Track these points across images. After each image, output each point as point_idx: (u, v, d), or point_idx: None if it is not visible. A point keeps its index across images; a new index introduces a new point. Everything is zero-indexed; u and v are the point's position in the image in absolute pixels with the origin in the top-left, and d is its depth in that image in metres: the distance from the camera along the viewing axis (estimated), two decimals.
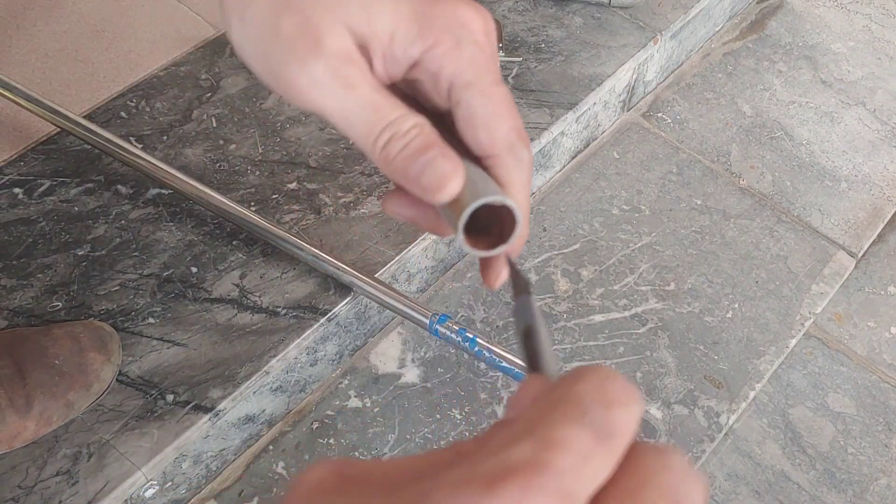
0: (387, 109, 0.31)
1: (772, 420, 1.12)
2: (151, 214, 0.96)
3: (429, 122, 0.32)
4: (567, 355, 1.09)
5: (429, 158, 0.31)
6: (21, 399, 0.75)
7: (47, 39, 1.12)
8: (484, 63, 0.32)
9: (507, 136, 0.32)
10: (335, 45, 0.30)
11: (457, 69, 0.32)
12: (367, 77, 0.31)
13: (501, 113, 0.32)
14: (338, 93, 0.31)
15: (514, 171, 0.33)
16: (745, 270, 1.20)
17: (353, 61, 0.31)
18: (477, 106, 0.32)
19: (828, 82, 1.47)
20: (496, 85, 0.32)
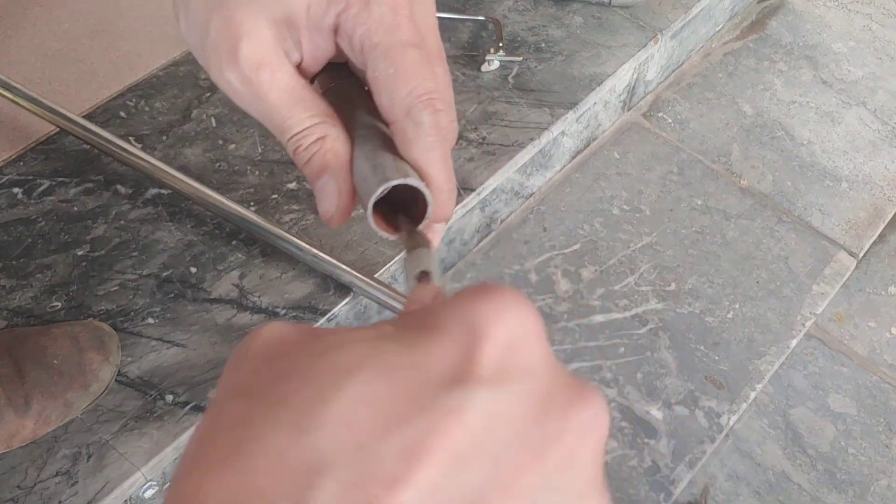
0: (293, 120, 0.32)
1: (772, 420, 1.12)
2: (151, 214, 0.96)
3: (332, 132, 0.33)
4: (567, 355, 1.09)
5: (320, 186, 0.33)
6: (20, 398, 0.75)
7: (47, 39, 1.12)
8: (394, 23, 0.31)
9: (405, 100, 0.31)
10: (249, 52, 0.31)
11: (366, 30, 0.31)
12: (278, 82, 0.32)
13: (403, 75, 0.31)
14: (250, 100, 0.32)
15: (413, 137, 0.32)
16: (745, 271, 1.20)
17: (266, 65, 0.32)
18: (380, 69, 0.31)
19: (828, 82, 1.46)
20: (405, 46, 0.31)
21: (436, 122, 0.32)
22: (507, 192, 1.14)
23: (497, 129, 1.10)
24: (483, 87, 1.14)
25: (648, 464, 1.01)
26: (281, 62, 0.32)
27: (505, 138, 1.09)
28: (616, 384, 1.07)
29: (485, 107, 1.12)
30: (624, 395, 1.06)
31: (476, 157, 1.07)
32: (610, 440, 1.03)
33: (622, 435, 1.03)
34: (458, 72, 1.16)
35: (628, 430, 1.04)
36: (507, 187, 1.13)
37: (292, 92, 0.33)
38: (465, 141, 1.08)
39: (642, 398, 1.06)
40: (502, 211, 1.18)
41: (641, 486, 1.00)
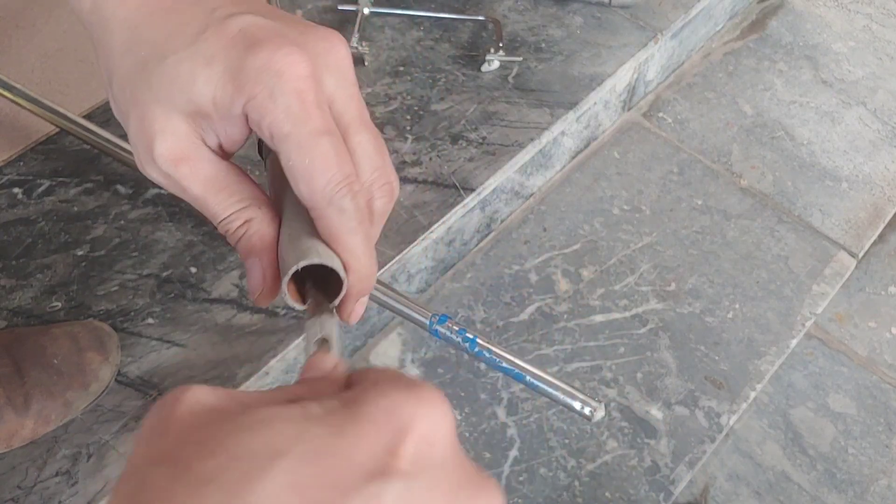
0: (218, 207, 0.34)
1: (772, 420, 1.12)
2: (151, 214, 0.96)
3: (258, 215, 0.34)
4: (567, 355, 1.09)
5: (248, 266, 0.34)
6: (19, 398, 0.75)
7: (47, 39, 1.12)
8: (302, 112, 0.31)
9: (324, 189, 0.32)
10: (164, 150, 0.32)
11: (273, 121, 0.31)
12: (198, 174, 0.33)
13: (320, 165, 0.31)
14: (176, 191, 0.34)
15: (337, 223, 0.32)
16: (745, 271, 1.20)
17: (184, 160, 0.33)
18: (294, 159, 0.31)
19: (828, 82, 1.46)
20: (315, 135, 0.31)
21: (357, 205, 0.33)
22: (507, 192, 1.14)
23: (497, 129, 1.10)
24: (483, 87, 1.14)
25: (648, 464, 1.01)
26: (199, 153, 0.33)
27: (505, 138, 1.09)
28: (616, 384, 1.07)
29: (485, 107, 1.12)
30: (624, 395, 1.06)
31: (476, 157, 1.07)
32: (610, 440, 1.03)
33: (622, 435, 1.03)
34: (458, 72, 1.16)
35: (628, 430, 1.04)
36: (507, 187, 1.13)
37: (214, 181, 0.33)
38: (465, 141, 1.08)
39: (642, 398, 1.06)
40: (502, 211, 1.18)
41: (641, 486, 1.00)
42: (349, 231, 0.33)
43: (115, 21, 0.33)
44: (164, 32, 0.32)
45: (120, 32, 0.33)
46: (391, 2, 1.22)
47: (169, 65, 0.32)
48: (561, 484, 0.99)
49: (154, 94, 0.32)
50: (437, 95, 1.13)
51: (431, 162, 1.05)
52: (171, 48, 0.32)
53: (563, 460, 1.01)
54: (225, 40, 0.31)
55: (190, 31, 0.32)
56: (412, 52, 1.17)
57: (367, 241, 0.34)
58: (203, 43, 0.31)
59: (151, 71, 0.32)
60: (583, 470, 1.00)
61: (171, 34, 0.32)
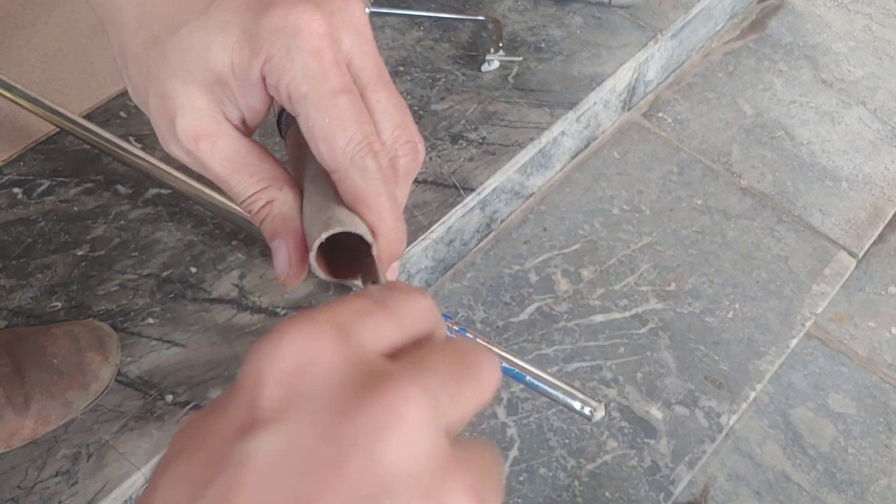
0: (240, 187, 0.33)
1: (772, 420, 1.12)
2: (151, 214, 0.96)
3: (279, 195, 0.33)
4: (567, 355, 1.09)
5: (273, 248, 0.33)
6: (19, 398, 0.75)
7: (47, 39, 1.12)
8: (320, 71, 0.30)
9: (346, 149, 0.31)
10: (185, 126, 0.32)
11: (291, 80, 0.30)
12: (219, 151, 0.32)
13: (340, 125, 0.31)
14: (198, 168, 0.33)
15: (360, 184, 0.31)
16: (745, 270, 1.20)
17: (205, 136, 0.32)
18: (313, 119, 0.31)
19: (828, 82, 1.46)
20: (334, 94, 0.31)
21: (379, 164, 0.32)
22: (507, 192, 1.14)
23: (497, 129, 1.10)
24: (483, 87, 1.14)
25: (648, 464, 1.01)
26: (220, 129, 0.32)
27: (505, 138, 1.09)
28: (616, 384, 1.07)
29: (485, 107, 1.12)
30: (624, 395, 1.06)
31: (476, 157, 1.07)
32: (610, 440, 1.03)
33: (622, 435, 1.03)
34: (458, 72, 1.16)
35: (628, 430, 1.04)
36: (507, 187, 1.13)
37: (235, 159, 0.33)
38: (465, 141, 1.08)
39: (642, 398, 1.06)
40: (502, 211, 1.18)
41: (641, 485, 1.00)
42: (374, 191, 0.32)
43: (123, 0, 0.33)
44: (175, 6, 0.32)
45: (129, 11, 0.33)
46: (391, 2, 1.22)
47: (182, 36, 0.31)
48: (561, 484, 0.99)
49: (170, 67, 0.31)
50: (437, 95, 1.13)
51: (431, 162, 1.05)
52: (182, 19, 0.31)
53: (563, 460, 1.01)
54: (237, 4, 0.31)
55: (201, 1, 0.31)
56: (412, 52, 1.17)
57: (393, 202, 0.32)
58: (215, 10, 0.31)
59: (164, 44, 0.31)
60: (583, 470, 1.00)
61: (182, 6, 0.32)
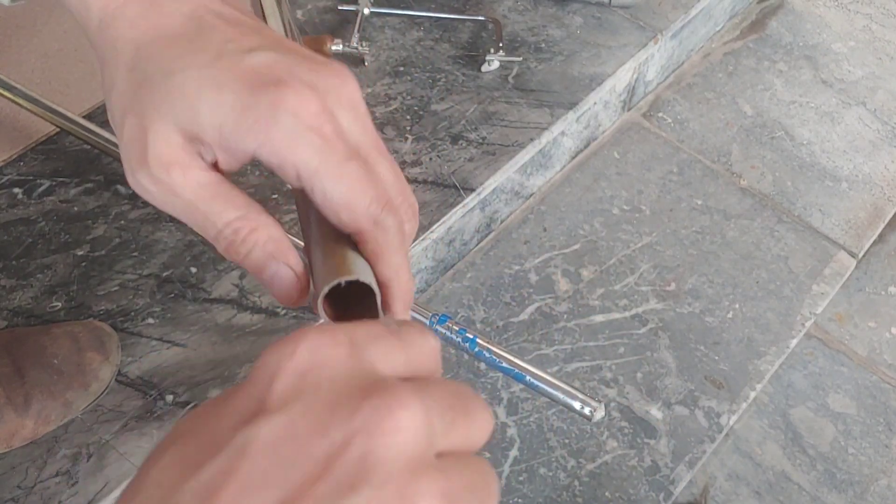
0: (215, 216, 0.33)
1: (772, 420, 1.12)
2: (151, 214, 0.96)
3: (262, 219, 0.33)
4: (567, 355, 1.09)
5: (271, 273, 0.33)
6: (20, 398, 0.75)
7: (47, 39, 1.12)
8: (326, 146, 0.31)
9: (368, 211, 0.32)
10: (157, 153, 0.31)
11: (299, 159, 0.31)
12: (192, 180, 0.32)
13: (359, 189, 0.31)
14: (164, 200, 0.32)
15: (383, 242, 0.33)
16: (745, 271, 1.20)
17: (177, 165, 0.32)
18: (330, 190, 0.31)
19: (828, 82, 1.47)
20: (346, 162, 0.31)
21: (399, 223, 0.33)
22: (507, 192, 1.14)
23: (497, 129, 1.10)
24: (483, 87, 1.14)
25: (648, 463, 1.01)
26: (192, 161, 0.32)
27: (505, 138, 1.09)
28: (616, 384, 1.07)
29: (485, 107, 1.12)
30: (624, 395, 1.06)
31: (476, 157, 1.07)
32: (610, 440, 1.03)
33: (622, 435, 1.03)
34: (458, 72, 1.16)
35: (628, 430, 1.04)
36: (507, 187, 1.13)
37: (208, 187, 0.32)
38: (465, 141, 1.08)
39: (642, 398, 1.06)
40: (502, 211, 1.18)
41: (641, 485, 1.00)
42: (394, 249, 0.33)
43: (123, 41, 0.33)
44: (174, 53, 0.32)
45: (127, 52, 0.33)
46: (391, 2, 1.22)
47: (175, 81, 0.31)
48: (561, 484, 0.99)
49: (154, 105, 0.31)
50: (437, 95, 1.13)
51: (431, 162, 1.05)
52: (179, 66, 0.31)
53: (563, 460, 1.01)
54: (237, 73, 0.31)
55: (202, 57, 0.32)
56: (412, 52, 1.17)
57: (407, 259, 0.34)
58: (215, 69, 0.31)
59: (155, 84, 0.32)
60: (583, 470, 1.00)
61: (182, 55, 0.32)
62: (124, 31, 0.33)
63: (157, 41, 0.32)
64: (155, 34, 0.33)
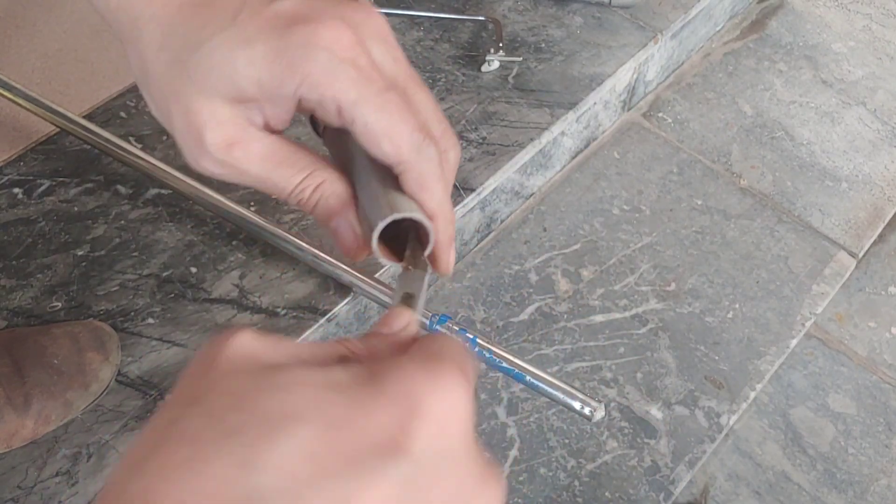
0: (284, 181, 0.33)
1: (772, 420, 1.12)
2: (151, 214, 0.96)
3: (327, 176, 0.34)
4: (567, 355, 1.09)
5: (334, 227, 0.34)
6: (19, 398, 0.75)
7: (47, 39, 1.12)
8: (361, 76, 0.31)
9: (411, 139, 0.32)
10: (213, 139, 0.32)
11: (338, 92, 0.31)
12: (254, 154, 0.33)
13: (398, 119, 0.32)
14: (235, 177, 0.33)
15: (426, 171, 0.33)
16: (745, 271, 1.20)
17: (235, 144, 0.32)
18: (372, 120, 0.32)
19: (828, 82, 1.47)
20: (382, 92, 0.32)
21: (440, 152, 0.33)
22: (507, 192, 1.14)
23: (497, 129, 1.10)
24: (483, 87, 1.14)
25: (648, 464, 1.01)
26: (249, 134, 0.33)
27: (505, 138, 1.09)
28: (616, 384, 1.07)
29: (485, 107, 1.12)
30: (624, 395, 1.06)
31: (476, 157, 1.07)
32: (610, 440, 1.03)
33: (622, 435, 1.03)
34: (458, 72, 1.16)
35: (628, 430, 1.04)
36: (507, 187, 1.13)
37: (271, 156, 0.33)
38: (465, 141, 1.08)
39: (642, 398, 1.06)
40: (502, 211, 1.18)
41: (641, 486, 1.00)
42: (437, 179, 0.33)
43: (144, 19, 0.33)
44: (197, 23, 0.32)
45: (150, 30, 0.33)
46: (391, 2, 1.22)
47: (204, 52, 0.31)
48: (561, 484, 0.99)
49: (194, 84, 0.31)
50: (437, 95, 1.13)
51: None
52: (205, 36, 0.31)
53: (563, 460, 1.01)
54: (261, 22, 0.31)
55: (223, 17, 0.32)
56: (412, 52, 1.17)
57: (449, 188, 0.34)
58: (239, 26, 0.31)
59: (187, 62, 0.32)
60: (583, 470, 1.00)
61: (205, 23, 0.32)
62: (142, 10, 0.33)
63: (177, 14, 0.32)
64: (173, 7, 0.33)
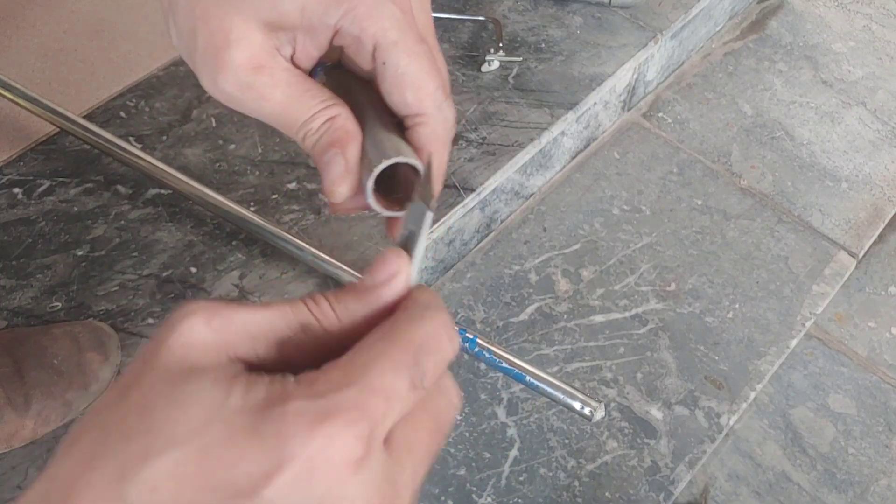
0: (303, 109, 0.33)
1: (772, 421, 1.12)
2: (151, 214, 0.96)
3: (342, 111, 0.33)
4: (567, 356, 1.09)
5: (328, 159, 0.33)
6: (19, 398, 0.75)
7: (47, 39, 1.12)
8: (405, 21, 0.32)
9: (435, 94, 0.32)
10: (242, 58, 0.31)
11: (379, 29, 0.31)
12: (279, 80, 0.32)
13: (428, 72, 0.32)
14: (251, 104, 0.32)
15: (440, 128, 0.33)
16: (745, 271, 1.20)
17: (262, 68, 0.32)
18: (404, 66, 0.32)
19: (828, 82, 1.47)
20: (420, 43, 0.32)
21: (454, 114, 0.34)
22: (507, 192, 1.14)
23: (497, 130, 1.10)
24: (483, 88, 1.14)
25: (648, 464, 1.01)
26: (276, 61, 0.32)
27: (505, 138, 1.09)
28: (616, 384, 1.07)
29: (485, 107, 1.12)
30: (624, 395, 1.06)
31: (476, 157, 1.07)
32: (610, 440, 1.03)
33: (622, 435, 1.03)
34: (458, 72, 1.16)
35: (628, 430, 1.04)
36: (507, 187, 1.13)
37: (296, 85, 0.33)
38: (465, 141, 1.08)
39: (642, 398, 1.06)
40: (502, 211, 1.18)
41: (641, 486, 1.00)
42: (446, 138, 0.34)
43: None
44: None
45: None
46: None
47: None
48: (561, 484, 0.99)
49: (233, 4, 0.31)
50: None
51: None
52: None
53: (563, 460, 1.01)
54: None
55: None
56: None
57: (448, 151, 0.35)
58: None
59: None
60: (583, 470, 1.00)
61: None
62: None
63: None
64: None
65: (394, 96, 0.33)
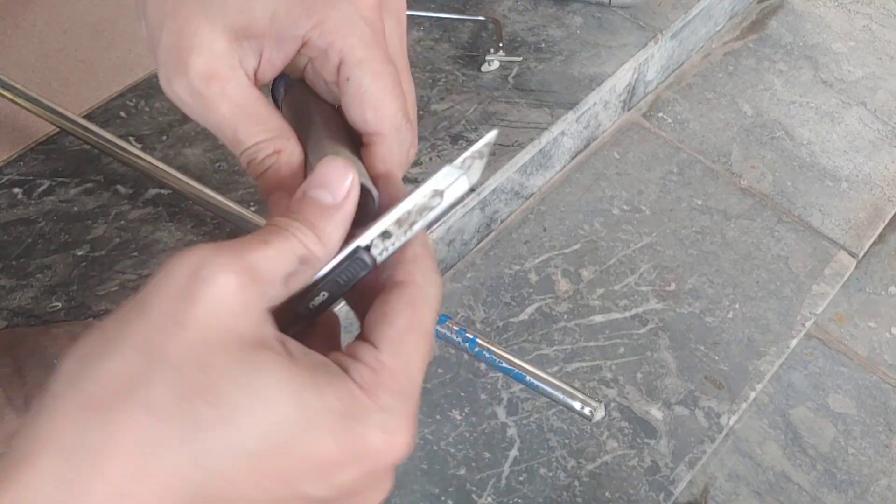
0: (245, 134, 0.32)
1: (772, 420, 1.12)
2: (151, 214, 0.96)
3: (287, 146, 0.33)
4: (567, 356, 1.09)
5: (274, 201, 0.33)
6: (20, 398, 0.75)
7: (47, 39, 1.12)
8: (374, 40, 0.32)
9: (395, 116, 0.32)
10: (199, 64, 0.31)
11: (346, 45, 0.31)
12: (230, 95, 0.32)
13: (391, 93, 0.32)
14: (197, 111, 0.32)
15: (395, 150, 0.33)
16: (745, 271, 1.20)
17: (217, 78, 0.31)
18: (367, 84, 0.32)
19: (828, 82, 1.47)
20: (386, 64, 0.32)
21: (414, 138, 0.34)
22: (507, 192, 1.14)
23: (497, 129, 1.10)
24: (483, 87, 1.14)
25: (648, 464, 1.01)
26: (233, 74, 0.32)
27: (505, 138, 1.09)
28: (616, 384, 1.07)
29: (485, 107, 1.12)
30: (624, 395, 1.06)
31: None
32: (610, 440, 1.03)
33: (622, 435, 1.03)
34: (458, 72, 1.16)
35: (628, 430, 1.04)
36: (507, 187, 1.13)
37: (245, 105, 0.32)
38: (465, 141, 1.08)
39: (642, 398, 1.06)
40: (502, 211, 1.18)
41: (641, 486, 1.00)
42: (402, 162, 0.34)
43: None
44: None
45: None
46: None
47: None
48: (561, 484, 0.99)
49: (201, 5, 0.31)
50: (437, 95, 1.13)
51: (431, 162, 1.05)
52: None
53: (563, 460, 1.01)
54: None
55: None
56: (412, 52, 1.17)
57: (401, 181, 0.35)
58: None
59: None
60: (583, 470, 1.00)
61: None
62: None
63: None
64: None
65: (354, 113, 0.32)
